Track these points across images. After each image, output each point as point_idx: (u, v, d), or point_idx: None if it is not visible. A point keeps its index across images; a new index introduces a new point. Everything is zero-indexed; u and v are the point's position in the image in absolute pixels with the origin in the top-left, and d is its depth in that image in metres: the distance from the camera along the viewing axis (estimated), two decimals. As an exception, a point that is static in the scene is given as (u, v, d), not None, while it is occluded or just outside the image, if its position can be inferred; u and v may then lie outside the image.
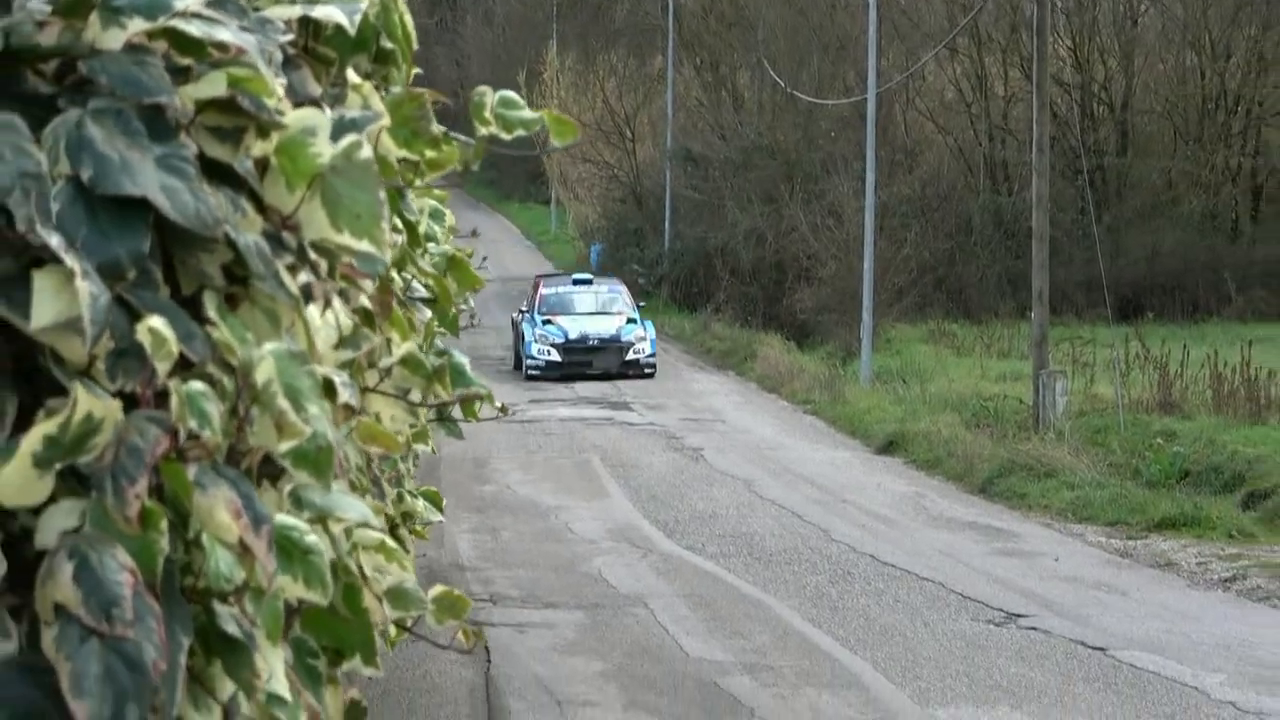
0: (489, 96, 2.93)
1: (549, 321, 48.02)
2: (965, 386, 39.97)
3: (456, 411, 3.44)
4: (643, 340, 47.45)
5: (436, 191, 4.09)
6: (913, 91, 61.71)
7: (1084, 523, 26.26)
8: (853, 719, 15.46)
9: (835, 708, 15.82)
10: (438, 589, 3.06)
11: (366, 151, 2.55)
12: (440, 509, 4.67)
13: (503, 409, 4.86)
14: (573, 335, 47.39)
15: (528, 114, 2.94)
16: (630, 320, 48.63)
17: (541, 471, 31.31)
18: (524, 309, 49.87)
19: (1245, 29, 61.14)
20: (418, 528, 6.26)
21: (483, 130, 2.94)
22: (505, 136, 2.91)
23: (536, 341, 47.23)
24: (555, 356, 47.03)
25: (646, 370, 47.10)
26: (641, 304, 51.39)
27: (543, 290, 50.68)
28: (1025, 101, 55.09)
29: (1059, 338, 39.94)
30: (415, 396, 3.07)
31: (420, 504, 5.87)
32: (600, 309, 49.66)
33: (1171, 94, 62.49)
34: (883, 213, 47.14)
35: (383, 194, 2.54)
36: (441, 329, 4.39)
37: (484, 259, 8.81)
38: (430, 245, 4.99)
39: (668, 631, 18.92)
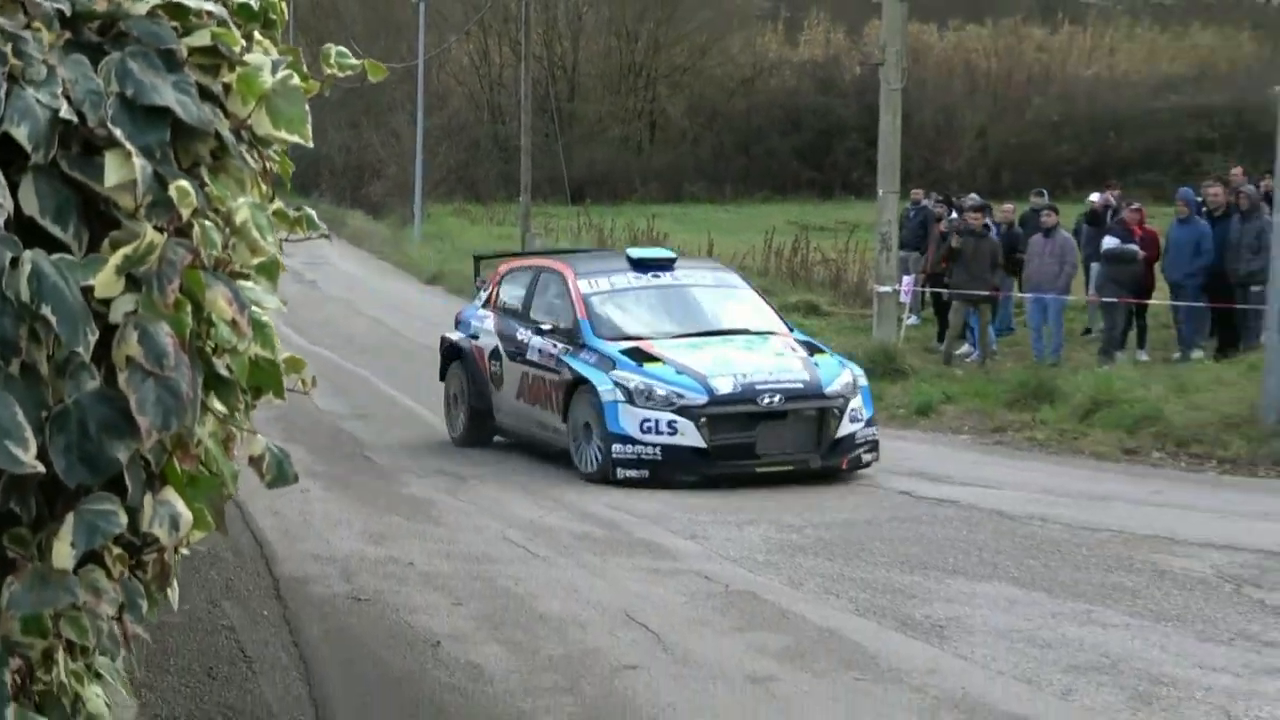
0: (332, 50, 2.94)
1: (643, 354, 12.60)
2: (479, 243, 39.95)
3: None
4: (851, 391, 12.56)
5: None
6: (444, 59, 61.02)
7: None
8: (416, 437, 15.97)
9: (409, 434, 16.12)
10: (286, 354, 3.04)
11: (296, 81, 2.57)
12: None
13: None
14: (723, 387, 12.12)
15: (353, 60, 2.96)
16: (813, 348, 13.18)
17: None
18: (552, 322, 13.59)
19: (648, 24, 61.93)
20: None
21: (327, 70, 2.94)
22: (340, 75, 2.93)
23: (637, 401, 12.12)
24: (694, 439, 11.99)
25: (866, 459, 12.58)
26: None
27: (579, 285, 13.58)
28: (513, 67, 54.96)
29: (536, 214, 40.10)
30: (281, 234, 3.09)
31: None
32: (721, 322, 13.46)
33: (603, 63, 63.04)
34: (426, 136, 46.62)
35: (306, 106, 2.57)
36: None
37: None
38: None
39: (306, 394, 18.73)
